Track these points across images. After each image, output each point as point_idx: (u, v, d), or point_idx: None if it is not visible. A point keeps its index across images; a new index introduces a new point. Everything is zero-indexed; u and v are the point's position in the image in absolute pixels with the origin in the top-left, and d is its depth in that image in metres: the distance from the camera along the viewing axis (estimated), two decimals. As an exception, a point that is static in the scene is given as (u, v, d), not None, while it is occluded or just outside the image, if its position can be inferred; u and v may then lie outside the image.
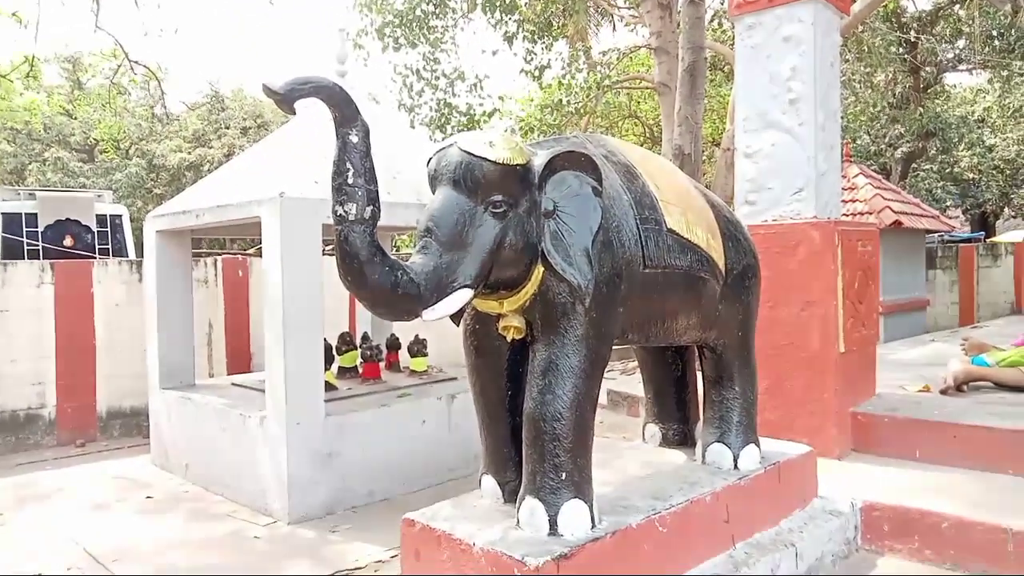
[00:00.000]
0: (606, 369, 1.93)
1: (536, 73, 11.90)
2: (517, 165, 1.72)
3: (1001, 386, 3.48)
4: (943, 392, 3.46)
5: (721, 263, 2.20)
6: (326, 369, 3.97)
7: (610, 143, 2.14)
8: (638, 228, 1.93)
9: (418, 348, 5.04)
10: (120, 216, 9.06)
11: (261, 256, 6.15)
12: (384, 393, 4.38)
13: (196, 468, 4.19)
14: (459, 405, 4.33)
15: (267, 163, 4.31)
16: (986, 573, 2.31)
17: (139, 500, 3.85)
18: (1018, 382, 3.42)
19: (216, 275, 6.54)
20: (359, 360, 4.81)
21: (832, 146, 3.14)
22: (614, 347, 1.97)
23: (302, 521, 3.51)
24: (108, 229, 8.71)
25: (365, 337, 5.09)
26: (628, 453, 2.49)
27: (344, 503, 3.72)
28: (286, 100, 1.49)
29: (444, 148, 1.76)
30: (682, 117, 8.48)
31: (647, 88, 13.32)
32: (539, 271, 1.77)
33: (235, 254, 8.55)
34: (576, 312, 1.79)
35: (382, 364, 4.91)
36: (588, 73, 13.06)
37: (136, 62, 9.04)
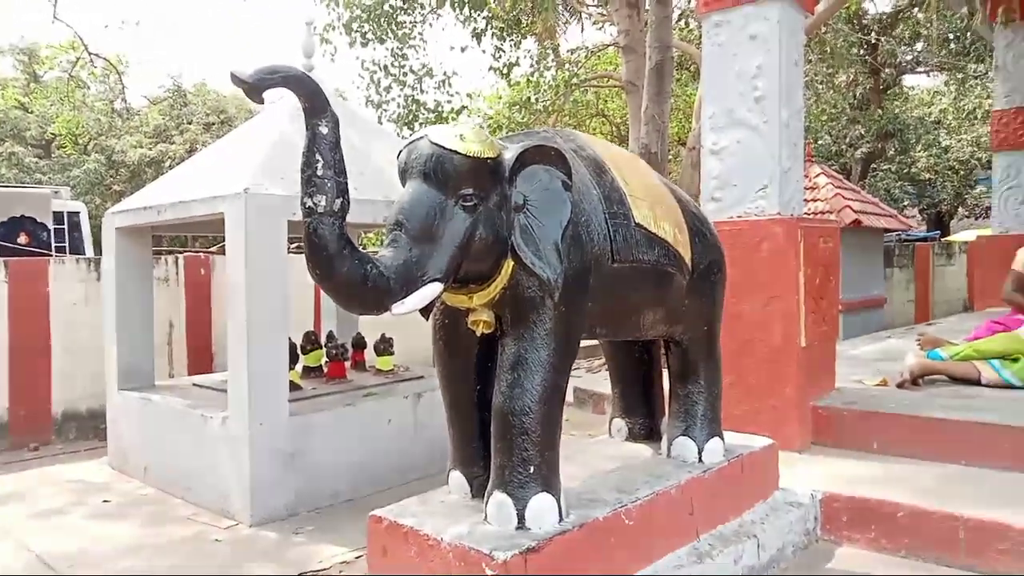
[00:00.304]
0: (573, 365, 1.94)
1: (505, 71, 11.90)
2: (487, 159, 1.71)
3: (954, 379, 3.58)
4: (899, 386, 3.55)
5: (688, 258, 2.22)
6: (290, 369, 3.93)
7: (580, 138, 2.15)
8: (607, 222, 1.94)
9: (384, 347, 5.00)
10: (78, 213, 8.87)
11: (224, 254, 6.03)
12: (349, 392, 4.35)
13: (155, 470, 4.11)
14: (425, 404, 4.31)
15: (231, 159, 4.24)
16: (938, 563, 2.37)
17: (96, 504, 3.76)
18: (970, 375, 3.52)
19: (178, 274, 6.42)
20: (324, 359, 4.77)
21: (796, 144, 3.20)
22: (581, 344, 1.98)
23: (265, 523, 3.46)
24: (65, 226, 8.53)
25: (330, 336, 5.04)
26: (595, 447, 2.51)
27: (308, 504, 3.68)
28: (255, 89, 1.47)
29: (414, 141, 1.75)
30: (649, 116, 8.55)
31: (615, 87, 13.41)
32: (509, 265, 1.77)
33: (197, 252, 8.42)
34: (545, 306, 1.79)
35: (347, 363, 4.87)
36: (556, 71, 13.10)
37: (96, 55, 8.83)
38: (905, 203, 21.38)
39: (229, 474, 3.59)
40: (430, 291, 1.67)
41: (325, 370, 4.70)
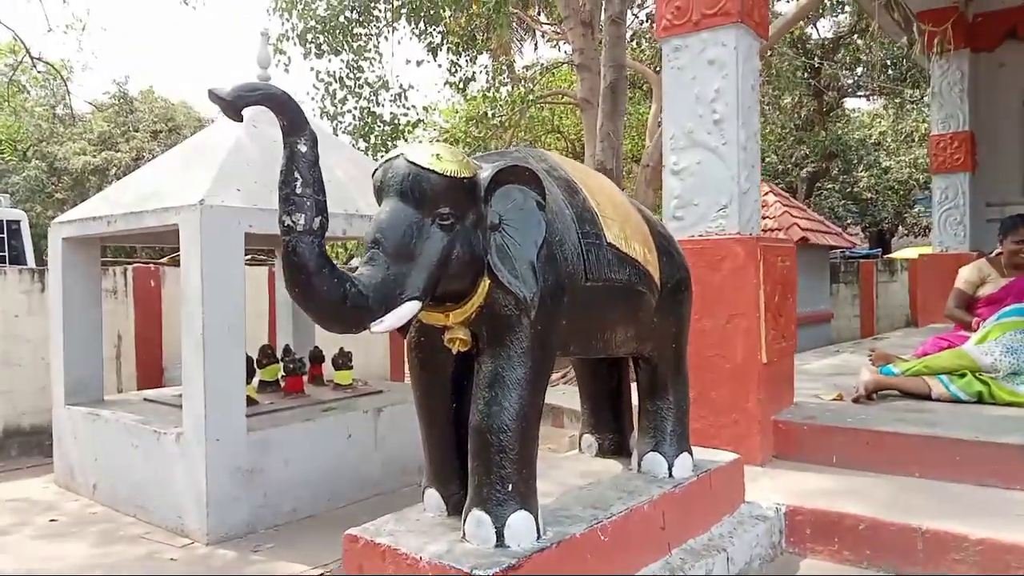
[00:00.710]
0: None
1: (461, 85, 11.94)
2: (464, 178, 1.73)
3: (906, 394, 3.71)
4: (855, 400, 3.65)
5: (657, 277, 2.26)
6: (247, 383, 3.86)
7: (551, 158, 2.18)
8: (580, 242, 1.97)
9: (343, 361, 4.95)
10: (18, 222, 8.55)
11: (175, 265, 5.81)
12: (308, 407, 4.29)
13: (105, 488, 3.98)
14: (385, 419, 4.28)
15: (186, 168, 4.17)
16: (898, 573, 2.45)
17: (42, 523, 3.62)
18: (921, 390, 3.65)
19: (126, 285, 6.26)
20: (281, 374, 4.70)
21: (753, 165, 3.29)
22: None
23: (222, 541, 3.39)
24: (5, 235, 8.21)
25: (287, 350, 4.96)
26: (566, 464, 2.53)
27: (266, 521, 3.62)
28: (233, 107, 1.46)
29: (391, 159, 1.75)
30: (604, 133, 8.70)
31: (570, 103, 13.58)
32: (485, 284, 1.78)
33: (146, 263, 8.20)
34: (522, 325, 1.80)
35: (305, 377, 4.81)
36: (512, 87, 13.21)
37: (38, 59, 8.54)
38: (848, 221, 22.19)
39: (184, 491, 3.51)
40: (408, 309, 1.67)
41: (282, 384, 4.63)
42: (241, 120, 1.52)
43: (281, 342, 5.37)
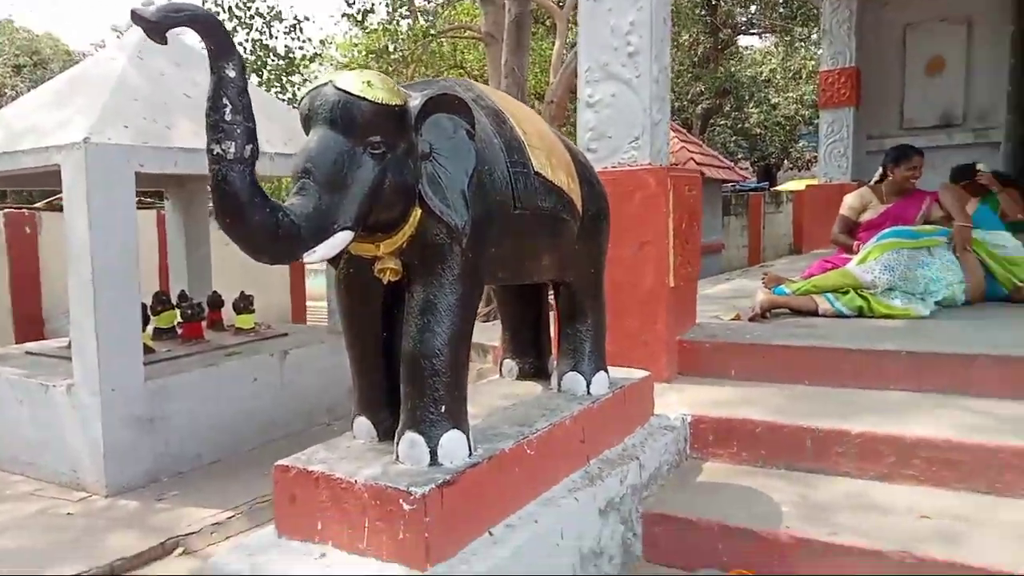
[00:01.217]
0: None
1: (359, 18, 11.49)
2: (395, 106, 1.72)
3: (796, 311, 4.02)
4: (751, 319, 3.93)
5: (579, 205, 2.34)
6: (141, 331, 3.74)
7: (477, 87, 2.18)
8: (508, 171, 2.01)
9: (244, 304, 4.85)
10: None
11: (51, 210, 5.44)
12: (210, 353, 4.22)
13: (-15, 447, 3.80)
14: (291, 361, 4.26)
15: (63, 104, 3.89)
16: (788, 468, 2.72)
17: (-83, 490, 3.43)
18: (809, 307, 3.98)
19: (-2, 233, 5.83)
20: (177, 320, 4.56)
21: (663, 98, 3.40)
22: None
23: (123, 492, 3.34)
24: None
25: (182, 295, 4.81)
26: (490, 387, 2.63)
27: (170, 469, 3.58)
28: (157, 29, 1.40)
29: (319, 87, 1.72)
30: (508, 68, 8.66)
31: (474, 38, 13.33)
32: (417, 213, 1.80)
33: (19, 208, 7.62)
34: (453, 253, 1.84)
35: (204, 323, 4.69)
36: (413, 20, 12.82)
37: None
38: (739, 156, 23.11)
39: (78, 444, 3.41)
40: (341, 239, 1.67)
41: (179, 331, 4.51)
42: (165, 43, 1.45)
43: (175, 288, 5.19)
